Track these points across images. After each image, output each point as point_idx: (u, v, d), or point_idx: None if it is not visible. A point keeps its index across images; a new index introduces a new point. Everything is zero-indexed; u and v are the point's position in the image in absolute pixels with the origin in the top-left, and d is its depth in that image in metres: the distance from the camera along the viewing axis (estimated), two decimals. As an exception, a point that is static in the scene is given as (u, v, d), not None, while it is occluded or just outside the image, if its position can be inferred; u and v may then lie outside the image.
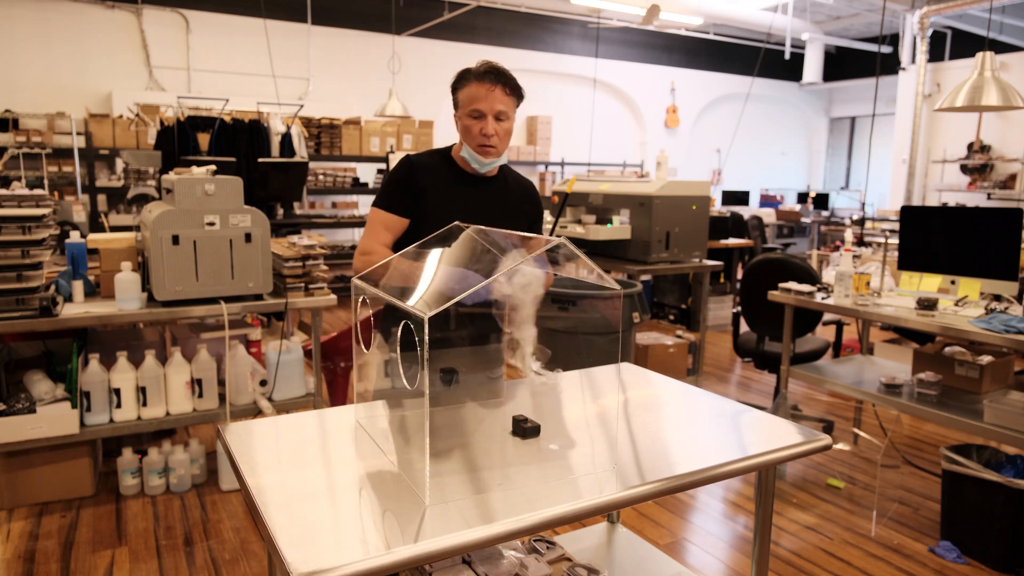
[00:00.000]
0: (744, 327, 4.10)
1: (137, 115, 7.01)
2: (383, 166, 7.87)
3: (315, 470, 1.33)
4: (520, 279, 1.44)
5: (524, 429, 1.48)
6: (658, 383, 1.93)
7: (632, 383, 1.93)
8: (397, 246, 1.92)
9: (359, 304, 1.54)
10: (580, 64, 10.84)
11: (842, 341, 4.44)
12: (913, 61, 10.13)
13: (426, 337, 1.17)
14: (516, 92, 1.90)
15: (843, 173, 14.37)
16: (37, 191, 2.81)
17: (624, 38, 11.21)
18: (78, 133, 6.90)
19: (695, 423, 1.65)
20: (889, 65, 10.80)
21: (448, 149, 2.00)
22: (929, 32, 9.71)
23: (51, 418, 2.82)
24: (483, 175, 1.97)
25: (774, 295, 3.40)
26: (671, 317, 6.76)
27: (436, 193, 1.91)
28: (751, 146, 13.11)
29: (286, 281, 3.15)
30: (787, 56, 10.98)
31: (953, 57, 10.50)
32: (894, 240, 4.26)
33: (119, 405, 2.95)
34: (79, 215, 5.27)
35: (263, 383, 3.22)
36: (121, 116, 7.26)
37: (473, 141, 1.87)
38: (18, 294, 2.69)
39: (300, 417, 1.64)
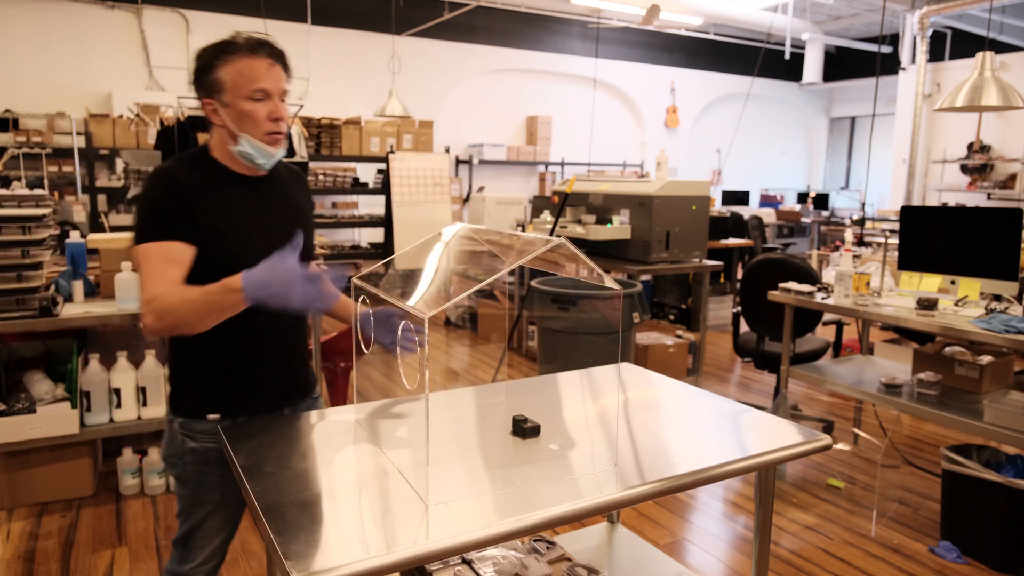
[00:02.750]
0: (744, 327, 4.10)
1: (137, 115, 7.01)
2: (383, 166, 7.87)
3: (315, 470, 1.33)
4: None
5: (524, 429, 1.48)
6: (658, 383, 1.93)
7: (632, 383, 1.93)
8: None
9: (359, 304, 1.54)
10: (580, 64, 10.84)
11: (842, 341, 4.45)
12: (913, 61, 10.13)
13: (426, 337, 1.17)
14: (288, 70, 1.53)
15: (843, 173, 14.37)
16: (37, 191, 2.81)
17: (624, 38, 11.21)
18: (78, 133, 6.90)
19: (695, 423, 1.65)
20: (889, 65, 10.80)
21: (201, 153, 1.57)
22: (929, 32, 9.71)
23: (51, 418, 2.82)
24: (261, 172, 1.59)
25: (774, 295, 3.40)
26: (671, 317, 6.76)
27: (213, 208, 1.50)
28: (751, 146, 13.11)
29: (286, 281, 3.15)
30: (787, 56, 10.98)
31: (953, 57, 10.50)
32: (894, 240, 4.26)
33: (119, 405, 2.95)
34: (79, 215, 5.27)
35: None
36: (121, 116, 7.26)
37: (260, 129, 1.49)
38: (18, 294, 2.69)
39: (300, 417, 1.64)
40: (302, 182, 1.74)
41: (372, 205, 9.25)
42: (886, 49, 11.11)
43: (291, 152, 6.21)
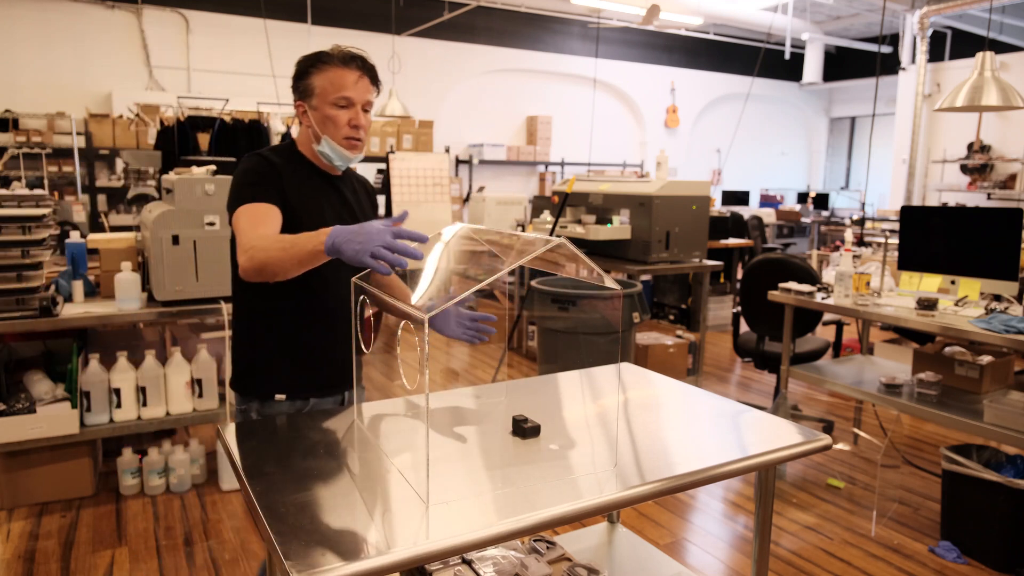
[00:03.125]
0: (744, 327, 4.10)
1: (137, 115, 7.01)
2: (383, 166, 7.87)
3: (315, 470, 1.33)
4: None
5: (524, 429, 1.48)
6: (658, 383, 1.93)
7: (632, 383, 1.93)
8: None
9: (360, 304, 1.54)
10: (580, 64, 10.84)
11: (842, 341, 4.45)
12: (913, 61, 10.13)
13: (426, 337, 1.17)
14: (378, 83, 1.67)
15: (843, 173, 14.37)
16: (37, 191, 2.81)
17: (624, 38, 11.21)
18: (78, 133, 6.90)
19: (695, 423, 1.65)
20: (889, 65, 10.80)
21: (290, 146, 1.71)
22: (929, 32, 9.71)
23: (51, 418, 2.82)
24: (338, 172, 1.74)
25: (774, 295, 3.40)
26: (671, 317, 6.76)
27: (301, 193, 1.64)
28: (751, 146, 13.11)
29: (286, 281, 3.15)
30: (787, 56, 10.98)
31: (953, 57, 10.50)
32: (894, 240, 4.26)
33: (119, 405, 2.95)
34: (79, 215, 5.27)
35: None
36: (121, 116, 7.26)
37: (339, 133, 1.62)
38: (18, 294, 2.69)
39: (300, 417, 1.64)
40: (368, 191, 1.88)
41: (372, 205, 9.22)
42: (886, 49, 11.12)
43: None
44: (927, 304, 2.90)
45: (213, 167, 2.98)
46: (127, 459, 3.12)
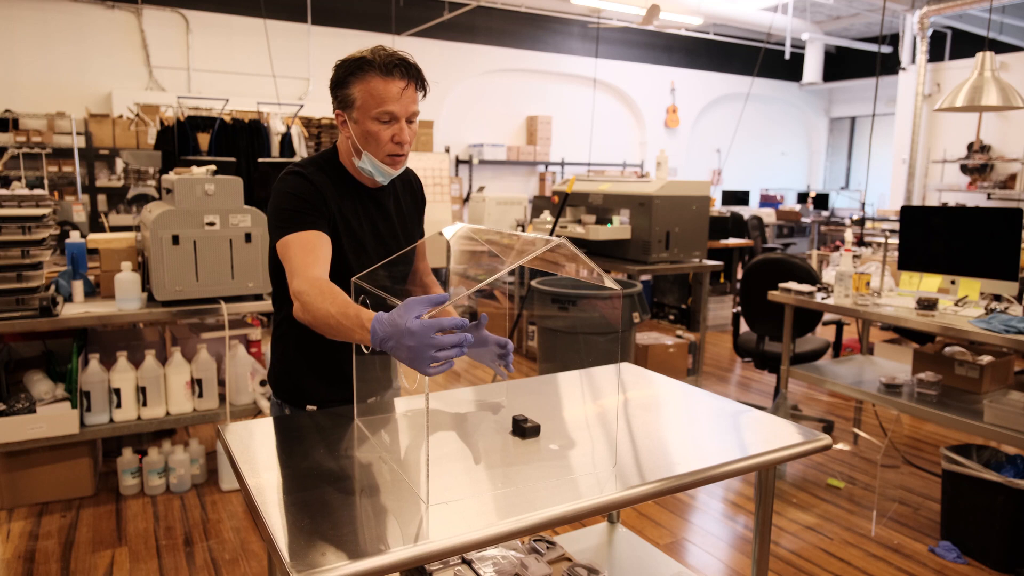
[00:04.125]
0: (744, 327, 4.10)
1: (137, 115, 7.01)
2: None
3: (315, 470, 1.33)
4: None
5: (524, 429, 1.48)
6: (658, 383, 1.93)
7: (632, 383, 1.93)
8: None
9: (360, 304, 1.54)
10: (580, 64, 10.84)
11: (842, 341, 4.45)
12: (913, 61, 10.13)
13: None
14: (425, 88, 1.54)
15: (843, 173, 14.37)
16: (37, 191, 2.81)
17: (624, 38, 11.21)
18: (78, 133, 6.90)
19: (695, 423, 1.65)
20: (889, 65, 10.80)
21: (330, 158, 1.62)
22: (929, 32, 9.71)
23: (51, 418, 2.82)
24: (375, 185, 1.64)
25: (774, 295, 3.40)
26: (671, 317, 6.76)
27: (338, 208, 1.57)
28: (751, 146, 13.11)
29: (286, 281, 3.15)
30: (787, 56, 10.98)
31: (953, 57, 10.50)
32: (894, 240, 4.26)
33: (119, 405, 2.95)
34: (79, 215, 5.27)
35: (263, 383, 3.22)
36: (121, 116, 7.26)
37: (382, 150, 1.51)
38: (18, 294, 2.69)
39: (300, 417, 1.64)
40: (414, 188, 1.79)
41: (372, 205, 9.23)
42: (886, 49, 11.12)
43: (291, 152, 6.21)
44: (927, 304, 2.90)
45: (213, 167, 2.98)
46: (127, 459, 3.12)
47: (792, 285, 3.35)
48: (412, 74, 1.49)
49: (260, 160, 5.69)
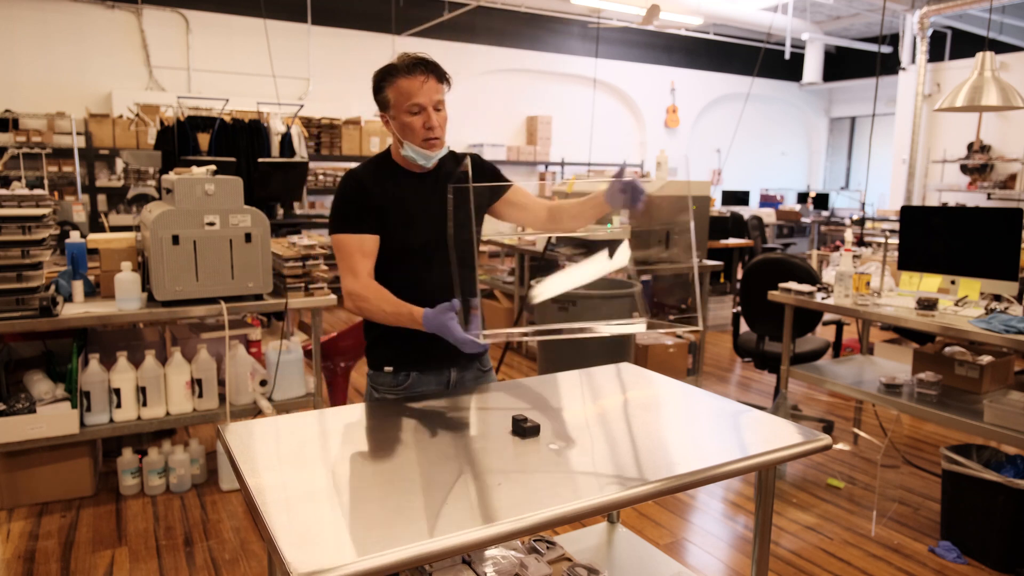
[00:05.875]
0: (744, 327, 4.10)
1: (137, 115, 7.01)
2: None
3: (315, 470, 1.33)
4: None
5: (524, 429, 1.48)
6: (658, 383, 1.93)
7: (632, 383, 1.93)
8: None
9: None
10: (580, 64, 10.84)
11: (842, 341, 4.45)
12: (913, 61, 10.13)
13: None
14: (445, 79, 1.79)
15: (843, 173, 14.37)
16: (37, 191, 2.81)
17: (624, 38, 11.21)
18: (78, 133, 6.90)
19: (695, 423, 1.65)
20: (889, 65, 10.80)
21: (384, 156, 1.90)
22: (929, 32, 9.71)
23: (51, 418, 2.82)
24: (428, 169, 1.88)
25: (774, 295, 3.40)
26: (671, 317, 6.76)
27: (392, 202, 1.82)
28: (751, 146, 13.10)
29: (286, 281, 3.15)
30: (787, 56, 10.98)
31: (953, 57, 10.50)
32: (894, 240, 4.26)
33: (119, 405, 2.95)
34: (79, 215, 5.27)
35: (263, 383, 3.22)
36: (121, 116, 7.26)
37: (417, 137, 1.77)
38: (18, 294, 2.69)
39: (300, 417, 1.64)
40: (474, 167, 1.91)
41: (372, 205, 9.22)
42: (886, 49, 11.11)
43: (291, 152, 6.21)
44: (927, 304, 2.90)
45: (213, 167, 2.98)
46: (127, 459, 3.12)
47: (792, 285, 3.35)
48: (430, 68, 1.75)
49: (260, 160, 5.69)
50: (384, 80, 1.76)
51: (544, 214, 1.98)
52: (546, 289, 1.88)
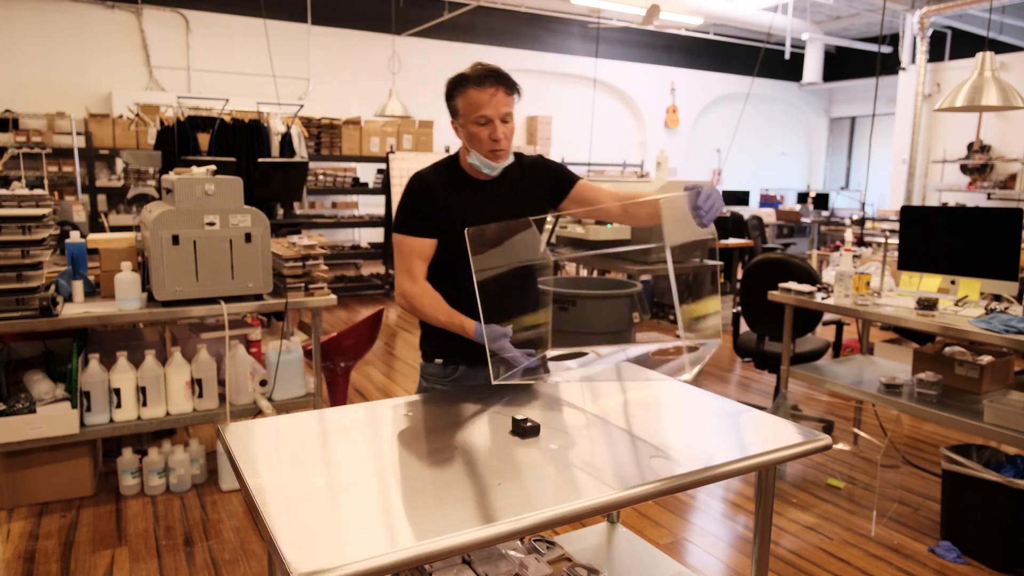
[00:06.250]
0: (744, 327, 4.10)
1: (137, 115, 7.01)
2: (383, 166, 7.87)
3: (315, 470, 1.33)
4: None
5: (524, 429, 1.48)
6: (658, 383, 1.93)
7: (632, 383, 1.93)
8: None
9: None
10: (580, 64, 10.84)
11: (842, 341, 4.44)
12: (913, 61, 10.13)
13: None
14: (515, 89, 1.85)
15: (843, 173, 14.37)
16: (37, 191, 2.81)
17: (624, 38, 11.21)
18: (78, 133, 6.90)
19: (695, 423, 1.65)
20: (889, 65, 10.80)
21: (453, 159, 1.95)
22: (929, 32, 9.71)
23: (51, 418, 2.82)
24: (492, 177, 1.93)
25: (774, 295, 3.40)
26: (671, 317, 6.75)
27: (453, 207, 1.88)
28: (751, 146, 13.11)
29: (286, 281, 3.15)
30: (787, 56, 10.98)
31: (953, 57, 10.50)
32: (894, 240, 4.26)
33: (119, 405, 2.95)
34: (79, 215, 5.27)
35: (263, 383, 3.22)
36: (121, 116, 7.26)
37: (483, 148, 1.82)
38: (18, 294, 2.69)
39: (300, 417, 1.64)
40: (538, 171, 2.00)
41: (372, 205, 9.24)
42: (886, 49, 11.12)
43: (291, 152, 6.21)
44: (927, 304, 2.90)
45: (213, 167, 2.98)
46: (127, 459, 3.12)
47: (792, 285, 3.35)
48: (501, 81, 1.80)
49: (260, 160, 5.69)
50: (455, 89, 1.82)
51: (617, 209, 2.01)
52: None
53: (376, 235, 9.02)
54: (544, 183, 2.01)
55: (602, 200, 2.01)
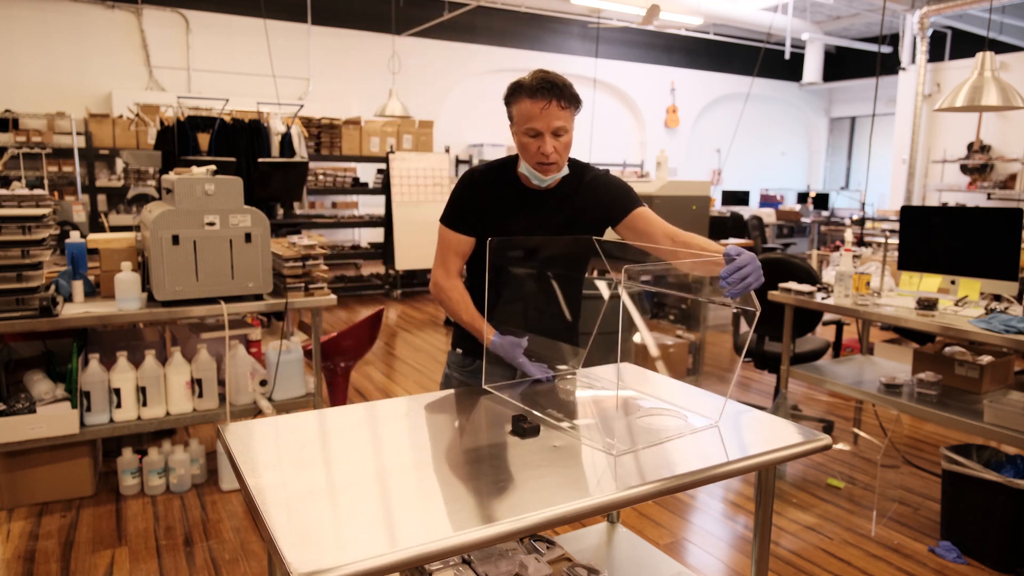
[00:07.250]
0: (744, 327, 4.10)
1: (137, 115, 7.01)
2: (383, 166, 7.87)
3: (315, 470, 1.33)
4: None
5: (524, 429, 1.48)
6: (658, 383, 1.93)
7: (632, 383, 1.93)
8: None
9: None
10: (580, 64, 10.84)
11: (842, 341, 4.45)
12: (913, 61, 10.13)
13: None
14: (573, 101, 1.77)
15: (843, 173, 14.37)
16: (37, 191, 2.81)
17: (624, 38, 11.21)
18: (78, 133, 6.90)
19: (695, 423, 1.65)
20: (889, 65, 10.80)
21: (511, 160, 1.91)
22: (929, 32, 9.71)
23: (51, 418, 2.82)
24: (545, 187, 1.89)
25: (774, 295, 3.40)
26: (671, 317, 6.75)
27: (497, 211, 1.87)
28: (751, 146, 13.11)
29: (286, 281, 3.15)
30: (787, 56, 10.98)
31: (953, 57, 10.50)
32: (894, 240, 4.26)
33: (119, 405, 2.95)
34: (79, 215, 5.27)
35: (263, 383, 3.22)
36: (121, 116, 7.26)
37: (531, 159, 1.79)
38: (18, 294, 2.69)
39: (300, 417, 1.64)
40: (598, 188, 1.95)
41: (372, 205, 9.24)
42: (886, 49, 11.12)
43: (291, 152, 6.21)
44: (927, 304, 2.90)
45: (213, 167, 2.98)
46: (127, 459, 3.12)
47: (792, 285, 3.35)
48: (556, 93, 1.72)
49: (260, 160, 5.69)
50: (511, 95, 1.78)
51: (669, 253, 1.92)
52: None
53: (376, 235, 9.02)
54: (602, 201, 1.94)
55: (655, 237, 1.91)
